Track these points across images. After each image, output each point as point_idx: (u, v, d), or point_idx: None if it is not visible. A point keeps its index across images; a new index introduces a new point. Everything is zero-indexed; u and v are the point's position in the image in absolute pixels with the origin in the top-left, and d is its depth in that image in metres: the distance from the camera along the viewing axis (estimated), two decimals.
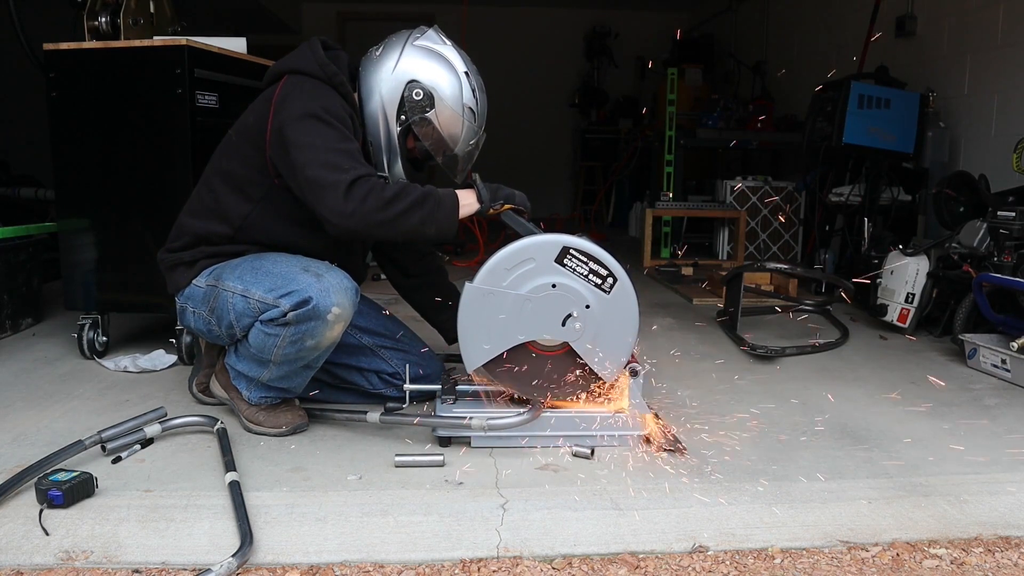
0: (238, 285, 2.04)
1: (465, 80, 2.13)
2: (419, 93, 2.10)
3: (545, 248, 1.96)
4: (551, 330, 1.99)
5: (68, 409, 2.35)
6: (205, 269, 2.15)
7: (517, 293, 1.96)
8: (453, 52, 2.14)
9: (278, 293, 1.98)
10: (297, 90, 2.05)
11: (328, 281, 1.98)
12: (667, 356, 3.06)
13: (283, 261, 2.06)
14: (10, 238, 3.18)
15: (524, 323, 1.97)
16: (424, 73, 2.10)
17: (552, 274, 1.96)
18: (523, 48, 9.09)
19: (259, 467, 1.93)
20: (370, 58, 2.17)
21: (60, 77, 2.76)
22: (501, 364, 2.01)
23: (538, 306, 1.97)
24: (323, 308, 1.96)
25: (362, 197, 1.89)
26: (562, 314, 1.97)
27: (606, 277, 1.97)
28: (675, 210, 5.77)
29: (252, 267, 2.07)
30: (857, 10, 5.38)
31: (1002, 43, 4.08)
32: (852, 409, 2.46)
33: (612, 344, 2.01)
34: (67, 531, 1.59)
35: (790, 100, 6.38)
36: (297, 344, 2.00)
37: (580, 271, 1.96)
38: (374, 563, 1.52)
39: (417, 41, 2.13)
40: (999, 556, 1.59)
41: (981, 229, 3.27)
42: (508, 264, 1.96)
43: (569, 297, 1.97)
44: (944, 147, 4.28)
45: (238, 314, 2.04)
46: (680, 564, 1.54)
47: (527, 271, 1.95)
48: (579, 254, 1.96)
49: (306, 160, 1.94)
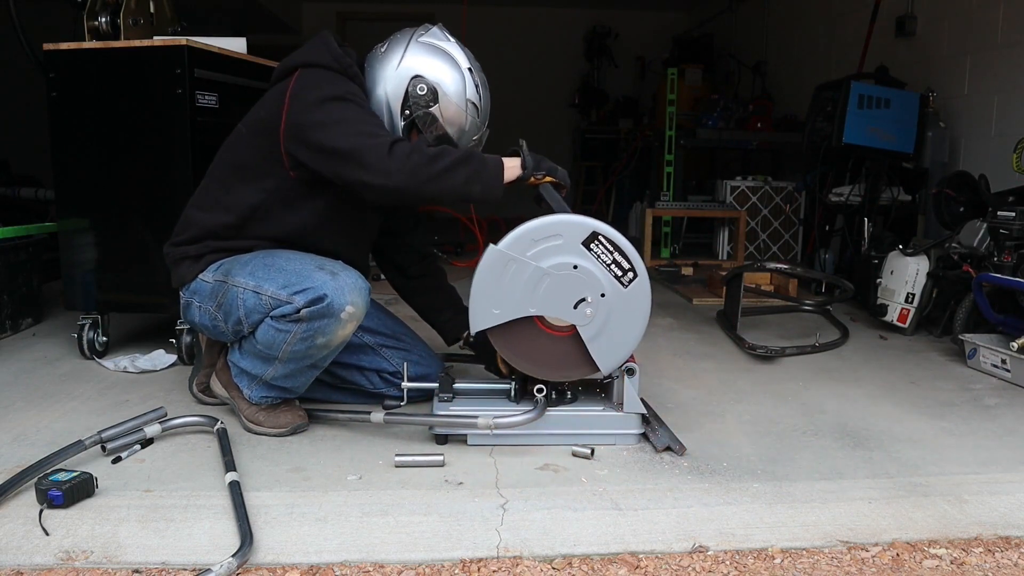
0: (250, 281, 2.04)
1: (468, 76, 2.15)
2: (423, 88, 2.11)
3: (575, 228, 1.96)
4: (562, 310, 1.99)
5: (68, 409, 2.34)
6: (212, 264, 2.15)
7: (538, 265, 1.95)
8: (457, 48, 2.16)
9: (292, 290, 1.97)
10: (312, 81, 2.05)
11: (343, 280, 1.98)
12: (667, 356, 3.06)
13: (296, 259, 2.06)
14: (10, 238, 3.18)
15: (538, 297, 1.97)
16: (428, 69, 2.12)
17: (576, 255, 1.96)
18: (523, 48, 9.09)
19: (259, 467, 1.93)
20: (375, 55, 2.18)
21: (60, 77, 2.76)
22: (505, 332, 2.01)
23: (555, 283, 1.96)
24: (337, 306, 1.96)
25: (406, 154, 1.90)
26: (577, 296, 1.97)
27: (628, 271, 1.97)
28: (675, 210, 5.77)
29: (264, 264, 2.06)
30: (857, 10, 5.38)
31: (1002, 43, 4.08)
32: (852, 409, 2.46)
33: (617, 337, 2.00)
34: (67, 531, 1.59)
35: (790, 100, 6.38)
36: (307, 341, 2.00)
37: (604, 259, 1.96)
38: (374, 563, 1.52)
39: (421, 38, 2.15)
40: (999, 556, 1.59)
41: (981, 229, 3.27)
42: (536, 236, 1.95)
43: (587, 281, 1.97)
44: (944, 147, 4.27)
45: (248, 310, 2.03)
46: (680, 564, 1.54)
47: (552, 246, 1.95)
48: (607, 242, 1.96)
49: (338, 134, 1.94)
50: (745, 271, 3.55)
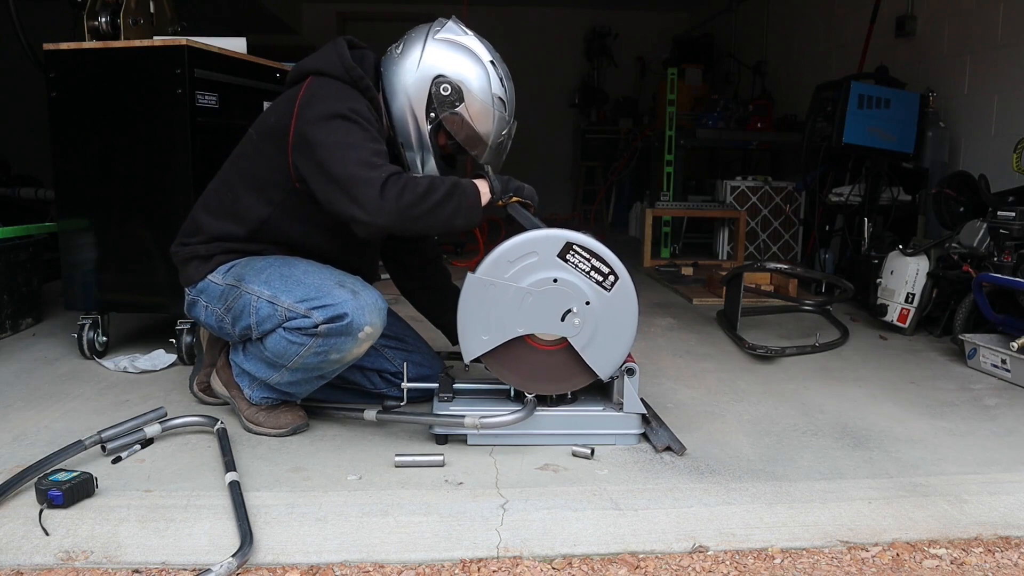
0: (264, 290, 2.01)
1: (492, 69, 2.10)
2: (447, 88, 2.06)
3: (548, 242, 1.96)
4: (550, 324, 1.99)
5: (68, 409, 2.34)
6: (222, 265, 2.13)
7: (518, 286, 1.96)
8: (476, 42, 2.10)
9: (311, 304, 1.95)
10: (322, 92, 2.02)
11: (364, 299, 1.97)
12: (667, 356, 3.06)
13: (314, 271, 2.03)
14: (10, 238, 3.18)
15: (524, 316, 1.98)
16: (450, 66, 2.06)
17: (554, 269, 1.96)
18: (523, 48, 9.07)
19: (259, 467, 1.93)
20: (391, 57, 2.12)
21: (60, 77, 2.76)
22: (499, 355, 2.01)
23: (538, 300, 1.97)
24: (357, 326, 1.95)
25: (398, 193, 1.87)
26: (562, 309, 1.98)
27: (608, 275, 1.97)
28: (675, 210, 5.77)
29: (281, 274, 2.03)
30: (857, 10, 5.38)
31: (1002, 43, 4.08)
32: (852, 409, 2.46)
33: (610, 341, 2.01)
34: (67, 531, 1.59)
35: (790, 100, 6.38)
36: (321, 356, 1.99)
37: (582, 267, 1.97)
38: (374, 563, 1.52)
39: (438, 35, 2.09)
40: (999, 556, 1.60)
41: (981, 229, 3.27)
42: (511, 256, 1.96)
43: (570, 292, 1.97)
44: (944, 147, 4.27)
45: (261, 319, 2.01)
46: (680, 564, 1.54)
47: (529, 264, 1.96)
48: (582, 250, 1.96)
49: (337, 159, 1.91)
50: (745, 271, 3.55)
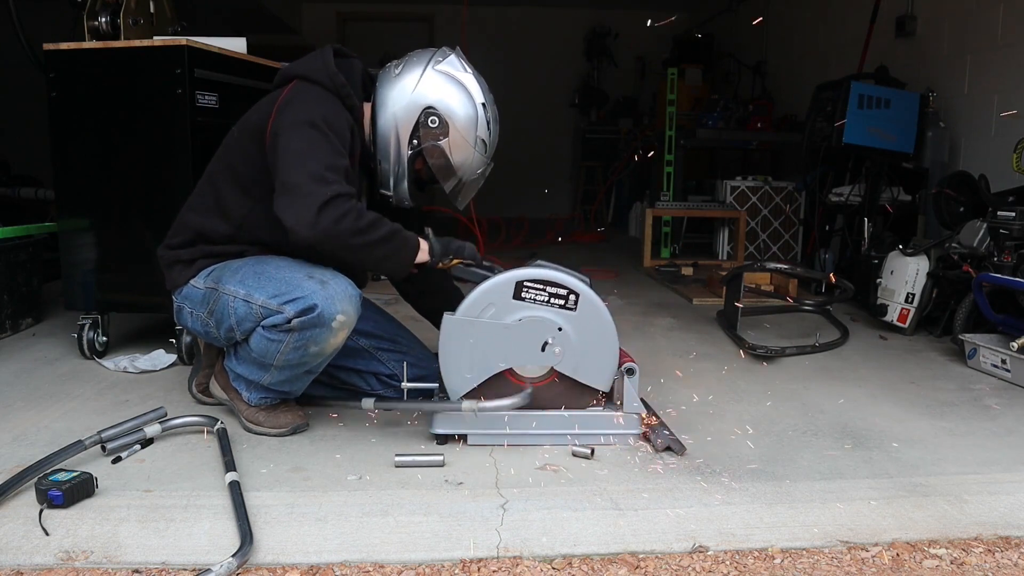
0: (240, 289, 2.04)
1: (482, 112, 2.13)
2: (435, 121, 2.10)
3: (500, 289, 2.01)
4: (532, 358, 2.03)
5: (68, 409, 2.35)
6: (204, 270, 2.15)
7: (493, 322, 2.01)
8: (473, 81, 2.14)
9: (282, 299, 1.97)
10: (302, 96, 2.04)
11: (333, 288, 1.98)
12: (667, 356, 3.06)
13: (286, 266, 2.05)
14: (10, 238, 3.18)
15: (504, 351, 2.03)
16: (442, 100, 2.10)
17: (515, 311, 2.02)
18: (523, 48, 9.09)
19: (259, 467, 1.93)
20: (388, 75, 2.15)
21: (60, 77, 2.76)
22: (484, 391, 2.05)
23: (515, 335, 2.01)
24: (328, 316, 1.96)
25: (338, 216, 1.87)
26: (539, 343, 2.02)
27: (567, 296, 2.01)
28: (675, 210, 5.77)
29: (254, 272, 2.05)
30: (857, 10, 5.38)
31: (1002, 43, 4.08)
32: (852, 409, 2.46)
33: (597, 354, 2.04)
34: (67, 531, 1.59)
35: (790, 100, 6.38)
36: (300, 350, 2.00)
37: (540, 299, 2.01)
38: (374, 563, 1.52)
39: (439, 65, 2.12)
40: (999, 556, 1.60)
41: (981, 229, 3.27)
42: (473, 314, 2.01)
43: (539, 326, 2.01)
44: (944, 147, 4.27)
45: (239, 319, 2.04)
46: (680, 564, 1.54)
47: (492, 315, 2.01)
48: (534, 284, 2.01)
49: (293, 165, 1.92)
50: (745, 271, 3.55)
